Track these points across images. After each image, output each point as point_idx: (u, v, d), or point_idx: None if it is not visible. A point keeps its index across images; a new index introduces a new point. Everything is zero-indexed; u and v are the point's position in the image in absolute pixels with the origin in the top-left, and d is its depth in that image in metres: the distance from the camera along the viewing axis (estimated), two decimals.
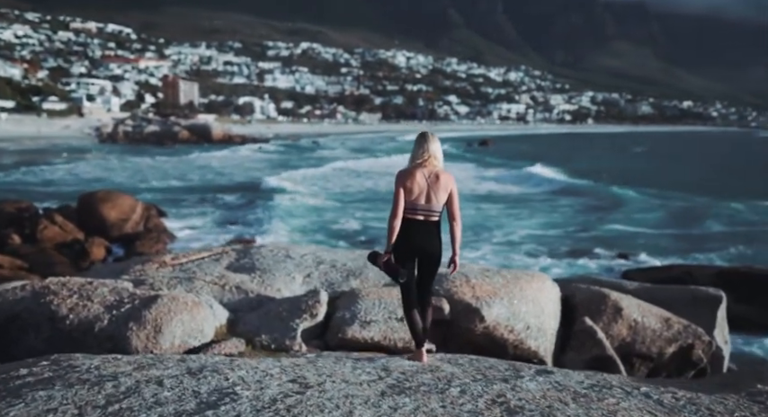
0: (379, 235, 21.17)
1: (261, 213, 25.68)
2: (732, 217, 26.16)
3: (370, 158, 56.34)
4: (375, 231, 21.79)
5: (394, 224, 3.89)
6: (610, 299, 6.51)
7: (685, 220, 25.29)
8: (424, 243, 3.93)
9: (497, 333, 5.65)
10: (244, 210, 26.15)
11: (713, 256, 19.12)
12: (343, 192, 32.66)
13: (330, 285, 6.48)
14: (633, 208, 27.79)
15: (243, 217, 24.44)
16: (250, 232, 21.58)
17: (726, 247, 20.25)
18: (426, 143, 4.00)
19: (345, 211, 26.07)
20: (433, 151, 3.97)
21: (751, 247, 20.32)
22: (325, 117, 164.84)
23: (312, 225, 23.06)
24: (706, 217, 25.88)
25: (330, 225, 23.14)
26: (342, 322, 5.43)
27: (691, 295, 8.26)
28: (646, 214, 26.56)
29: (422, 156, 3.95)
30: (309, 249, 7.85)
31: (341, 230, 22.32)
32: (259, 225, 23.19)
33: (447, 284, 5.97)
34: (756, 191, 33.69)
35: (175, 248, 17.81)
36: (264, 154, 63.82)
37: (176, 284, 6.32)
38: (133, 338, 5.16)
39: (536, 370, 3.57)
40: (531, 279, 6.32)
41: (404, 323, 4.76)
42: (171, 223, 21.61)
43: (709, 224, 24.53)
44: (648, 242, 20.81)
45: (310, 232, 21.81)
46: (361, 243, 19.27)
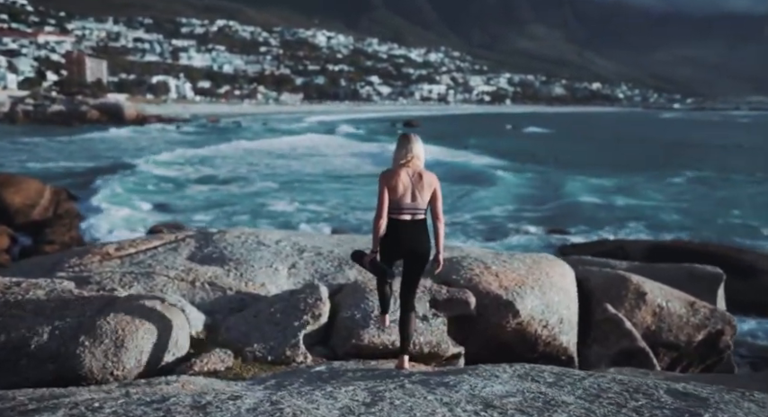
0: (316, 217, 20.14)
1: (186, 196, 24.04)
2: (639, 192, 26.67)
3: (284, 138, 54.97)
4: (308, 213, 20.73)
5: (379, 224, 3.86)
6: (631, 283, 5.85)
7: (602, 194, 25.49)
8: (413, 244, 3.88)
9: (530, 329, 4.84)
10: (170, 194, 24.35)
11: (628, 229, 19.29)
12: (269, 173, 31.21)
13: (322, 277, 5.44)
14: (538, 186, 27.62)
15: (169, 201, 22.75)
16: (176, 217, 19.99)
17: (646, 220, 20.55)
18: (409, 144, 3.98)
19: (273, 194, 24.76)
20: (416, 152, 3.96)
21: (675, 220, 20.79)
22: (245, 97, 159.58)
23: (244, 208, 21.64)
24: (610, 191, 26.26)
25: (261, 208, 21.81)
26: (353, 324, 4.42)
27: (688, 273, 7.82)
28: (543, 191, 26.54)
29: (405, 157, 3.94)
30: (282, 234, 6.74)
31: (273, 212, 21.08)
32: (184, 208, 21.64)
33: (465, 272, 5.09)
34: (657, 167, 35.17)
35: (96, 237, 16.10)
36: (182, 135, 60.83)
37: (132, 282, 5.09)
38: (86, 357, 3.95)
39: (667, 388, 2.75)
40: (553, 264, 5.55)
41: (427, 322, 4.54)
42: (84, 207, 19.70)
43: (614, 199, 24.67)
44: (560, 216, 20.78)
45: (238, 214, 20.42)
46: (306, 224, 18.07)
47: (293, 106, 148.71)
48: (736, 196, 25.25)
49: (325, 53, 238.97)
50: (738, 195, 25.50)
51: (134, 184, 26.06)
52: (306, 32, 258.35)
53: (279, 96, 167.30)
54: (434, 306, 4.66)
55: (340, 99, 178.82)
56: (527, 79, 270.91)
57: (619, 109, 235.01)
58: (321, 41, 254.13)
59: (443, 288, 4.83)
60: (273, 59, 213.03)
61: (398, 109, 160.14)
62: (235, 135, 59.97)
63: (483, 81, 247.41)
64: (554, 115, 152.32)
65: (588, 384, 2.85)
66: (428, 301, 4.68)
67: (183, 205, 22.29)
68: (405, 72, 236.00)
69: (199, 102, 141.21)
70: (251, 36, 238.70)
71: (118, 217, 19.09)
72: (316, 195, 24.70)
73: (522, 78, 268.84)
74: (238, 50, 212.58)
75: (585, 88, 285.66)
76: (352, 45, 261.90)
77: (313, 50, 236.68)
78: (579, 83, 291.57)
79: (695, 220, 20.60)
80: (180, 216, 20.37)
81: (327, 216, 20.61)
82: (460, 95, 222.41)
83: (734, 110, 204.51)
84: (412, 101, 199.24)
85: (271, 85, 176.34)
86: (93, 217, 18.63)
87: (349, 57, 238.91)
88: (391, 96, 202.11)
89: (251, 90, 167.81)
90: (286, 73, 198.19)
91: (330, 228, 17.83)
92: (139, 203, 21.83)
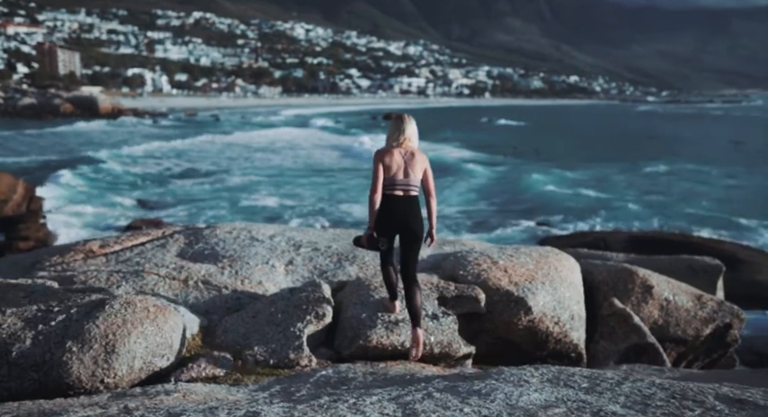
0: (300, 211, 19.80)
1: (164, 190, 23.54)
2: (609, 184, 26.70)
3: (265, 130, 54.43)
4: (291, 208, 20.38)
5: (374, 199, 4.04)
6: (638, 276, 5.68)
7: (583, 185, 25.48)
8: (405, 219, 4.05)
9: (542, 327, 4.63)
10: (148, 189, 23.80)
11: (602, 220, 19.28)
12: (249, 167, 30.73)
13: (322, 274, 5.18)
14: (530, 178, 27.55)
15: (147, 196, 22.23)
16: (154, 213, 19.54)
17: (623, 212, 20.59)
18: (403, 124, 4.16)
19: (253, 188, 24.33)
20: (409, 134, 4.16)
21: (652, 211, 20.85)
22: (223, 90, 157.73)
23: (225, 203, 21.22)
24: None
25: (242, 202, 21.38)
26: (358, 324, 4.17)
27: (686, 265, 7.71)
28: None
29: (398, 139, 4.14)
30: (275, 229, 6.46)
31: (253, 207, 20.68)
32: (165, 203, 21.17)
33: (472, 267, 4.87)
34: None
35: (63, 233, 15.64)
36: (160, 128, 59.87)
37: (120, 281, 4.77)
38: (74, 364, 3.65)
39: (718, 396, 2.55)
40: (560, 258, 5.36)
41: (437, 321, 4.32)
42: (55, 203, 19.15)
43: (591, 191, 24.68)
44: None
45: (219, 209, 20.00)
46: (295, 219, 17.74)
47: (272, 99, 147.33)
48: (709, 188, 25.38)
49: (303, 46, 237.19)
50: (710, 187, 25.63)
51: (109, 179, 25.50)
52: (284, 25, 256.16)
53: (257, 89, 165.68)
54: (443, 303, 4.44)
55: (319, 92, 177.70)
56: (506, 72, 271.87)
57: (596, 101, 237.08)
58: (299, 34, 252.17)
59: (451, 284, 4.60)
60: (251, 52, 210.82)
61: (378, 102, 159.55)
62: (213, 128, 59.28)
63: (462, 74, 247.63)
64: (532, 108, 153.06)
65: (628, 389, 2.64)
66: (436, 299, 4.46)
67: (163, 200, 21.82)
68: (384, 65, 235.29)
69: (176, 95, 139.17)
70: (228, 28, 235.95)
71: (88, 213, 18.61)
72: (297, 189, 24.35)
73: (500, 71, 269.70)
74: (216, 43, 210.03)
75: (563, 81, 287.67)
76: (331, 38, 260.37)
77: (291, 43, 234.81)
78: (557, 76, 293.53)
79: (667, 211, 20.62)
80: (159, 211, 19.92)
81: (310, 209, 20.30)
82: (440, 88, 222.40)
83: (707, 103, 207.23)
84: (391, 94, 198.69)
85: (249, 78, 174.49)
86: (59, 212, 18.15)
87: (328, 50, 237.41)
88: (371, 89, 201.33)
89: (229, 83, 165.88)
90: (264, 66, 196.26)
91: (319, 222, 17.52)
92: (116, 198, 21.32)
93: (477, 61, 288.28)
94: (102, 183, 24.03)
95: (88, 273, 4.99)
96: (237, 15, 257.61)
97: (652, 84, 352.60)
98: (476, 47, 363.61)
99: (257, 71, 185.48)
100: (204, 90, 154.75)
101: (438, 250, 5.73)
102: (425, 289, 4.51)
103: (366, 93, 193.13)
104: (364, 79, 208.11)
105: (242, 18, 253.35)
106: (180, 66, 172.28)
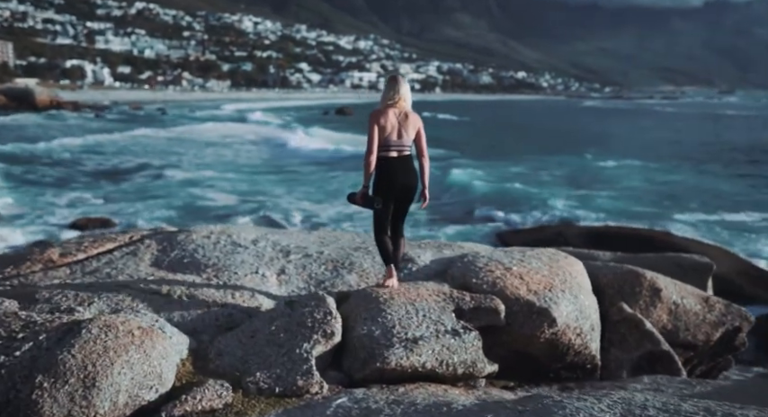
0: (259, 208, 19.10)
1: (108, 186, 22.37)
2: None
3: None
4: (251, 205, 19.64)
5: (370, 159, 4.14)
6: (645, 278, 5.43)
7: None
8: (403, 179, 4.19)
9: (564, 339, 4.29)
10: (90, 185, 22.56)
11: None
12: (201, 163, 29.69)
13: (318, 284, 4.70)
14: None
15: (89, 193, 21.01)
16: (98, 210, 18.50)
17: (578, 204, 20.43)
18: (397, 85, 4.28)
19: (207, 184, 23.41)
20: (403, 93, 4.26)
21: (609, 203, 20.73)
22: (169, 83, 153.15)
23: (177, 201, 20.25)
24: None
25: (197, 200, 20.40)
26: (372, 342, 3.72)
27: (675, 263, 7.55)
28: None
29: (393, 98, 4.23)
30: (257, 232, 5.93)
31: (211, 206, 19.80)
32: (110, 199, 20.08)
33: (485, 274, 4.48)
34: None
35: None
36: (102, 122, 57.55)
37: (92, 298, 4.17)
38: (45, 403, 3.09)
39: None
40: (569, 261, 5.05)
41: (459, 337, 3.89)
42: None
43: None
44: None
45: (172, 208, 19.06)
46: (262, 218, 17.05)
47: (221, 93, 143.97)
48: (650, 183, 25.45)
49: (252, 39, 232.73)
50: (649, 182, 25.69)
51: (47, 174, 24.10)
52: (231, 17, 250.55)
53: (205, 83, 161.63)
54: (460, 316, 4.04)
55: (269, 86, 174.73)
56: (455, 67, 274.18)
57: (543, 97, 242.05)
58: (248, 27, 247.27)
59: (466, 294, 4.21)
60: (198, 45, 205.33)
61: (330, 96, 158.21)
62: (160, 122, 57.36)
63: (412, 69, 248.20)
64: (480, 103, 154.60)
65: None
66: (453, 311, 4.05)
67: (108, 196, 20.68)
68: (334, 59, 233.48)
69: (119, 88, 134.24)
70: (173, 20, 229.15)
71: (22, 212, 17.45)
72: (255, 186, 23.56)
73: (450, 66, 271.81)
74: (160, 35, 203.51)
75: (511, 77, 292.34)
76: (280, 31, 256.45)
77: (240, 36, 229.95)
78: (505, 72, 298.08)
79: (607, 205, 20.40)
80: (103, 208, 18.86)
81: (270, 206, 19.60)
82: None
83: (647, 99, 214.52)
84: (342, 88, 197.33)
85: (196, 72, 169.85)
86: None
87: (277, 44, 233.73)
88: (321, 84, 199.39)
89: (175, 76, 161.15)
90: (212, 59, 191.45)
91: (285, 222, 16.89)
92: (52, 197, 20.02)
93: (428, 56, 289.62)
94: (37, 178, 22.64)
95: (52, 289, 4.37)
96: (183, 6, 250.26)
97: (596, 81, 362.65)
98: (425, 42, 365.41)
99: (205, 64, 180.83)
100: (149, 83, 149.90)
101: (438, 254, 5.35)
102: (439, 300, 4.11)
103: (317, 88, 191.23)
104: (315, 73, 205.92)
105: (187, 9, 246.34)
106: (123, 58, 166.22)
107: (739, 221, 18.22)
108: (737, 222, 18.11)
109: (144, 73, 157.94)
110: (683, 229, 16.59)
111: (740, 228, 17.30)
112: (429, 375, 3.66)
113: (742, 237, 16.28)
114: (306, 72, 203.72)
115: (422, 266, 5.01)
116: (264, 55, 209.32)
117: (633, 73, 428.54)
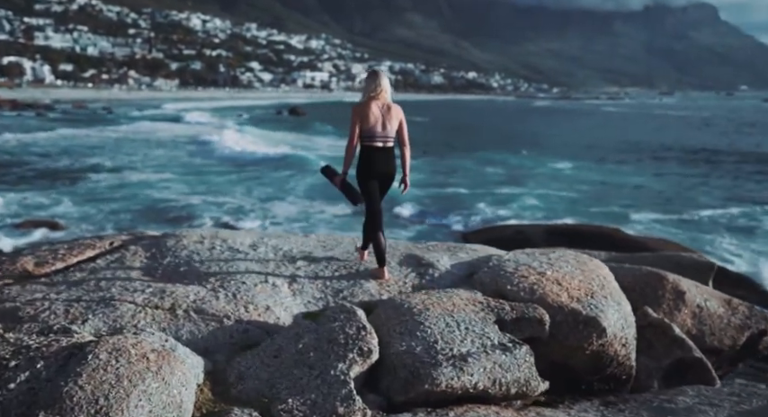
0: (228, 210, 18.42)
1: (49, 187, 21.22)
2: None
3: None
4: (215, 206, 18.92)
5: (350, 150, 4.38)
6: (668, 281, 5.22)
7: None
8: (384, 168, 4.44)
9: (610, 350, 3.97)
10: (34, 186, 21.35)
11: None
12: (156, 164, 28.59)
13: (337, 293, 4.29)
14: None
15: (36, 195, 19.86)
16: (40, 211, 17.50)
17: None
18: (378, 78, 4.50)
19: (163, 185, 22.48)
20: (384, 86, 4.47)
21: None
22: (115, 82, 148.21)
23: (137, 203, 19.33)
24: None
25: (158, 201, 19.53)
26: (415, 361, 3.34)
27: (675, 263, 7.41)
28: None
29: (375, 90, 4.44)
30: (252, 236, 5.46)
31: (172, 206, 18.96)
32: (55, 201, 19.02)
33: (519, 280, 4.16)
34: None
35: None
36: (43, 121, 55.01)
37: (85, 313, 3.67)
38: None
39: None
40: (596, 263, 4.80)
41: (510, 353, 3.54)
42: None
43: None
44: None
45: (132, 211, 18.17)
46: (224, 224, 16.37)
47: (170, 92, 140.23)
48: (605, 182, 25.62)
49: (200, 37, 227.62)
50: (603, 181, 25.84)
51: None
52: (179, 15, 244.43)
53: (153, 82, 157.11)
54: (502, 328, 3.71)
55: (219, 85, 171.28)
56: (407, 67, 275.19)
57: (494, 97, 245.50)
58: (196, 25, 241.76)
59: (505, 303, 3.88)
60: (144, 42, 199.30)
61: (282, 96, 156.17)
62: (105, 121, 55.24)
63: (365, 69, 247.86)
64: (434, 103, 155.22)
65: None
66: (494, 323, 3.72)
67: (51, 197, 19.61)
68: (286, 58, 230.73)
69: (61, 86, 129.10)
70: (117, 17, 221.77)
71: None
72: (213, 186, 22.74)
73: (402, 66, 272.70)
74: (104, 32, 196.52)
75: (462, 77, 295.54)
76: (230, 29, 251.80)
77: (188, 34, 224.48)
78: (456, 72, 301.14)
79: (561, 204, 20.42)
80: (46, 210, 17.83)
81: (235, 206, 18.91)
82: (343, 83, 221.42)
83: (594, 100, 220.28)
84: (295, 88, 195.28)
85: (143, 70, 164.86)
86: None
87: (227, 43, 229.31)
88: (273, 83, 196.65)
89: (121, 75, 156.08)
90: (159, 57, 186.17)
91: (257, 224, 16.28)
92: None
93: (380, 56, 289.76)
94: None
95: (36, 304, 3.83)
96: (128, 3, 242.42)
97: (544, 81, 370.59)
98: (377, 41, 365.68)
99: (152, 63, 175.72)
100: (94, 81, 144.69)
101: (455, 258, 5.01)
102: (477, 310, 3.78)
103: (269, 87, 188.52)
104: (266, 72, 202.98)
105: (132, 6, 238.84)
106: (64, 56, 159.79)
107: (691, 219, 18.63)
108: (690, 220, 18.52)
109: (87, 71, 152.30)
110: (637, 227, 16.82)
111: (693, 225, 17.69)
112: (479, 396, 3.31)
113: (696, 234, 16.64)
114: (257, 71, 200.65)
115: (444, 271, 4.67)
116: (214, 54, 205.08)
117: (579, 74, 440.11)
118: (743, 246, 15.09)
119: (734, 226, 17.53)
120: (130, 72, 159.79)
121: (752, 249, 14.97)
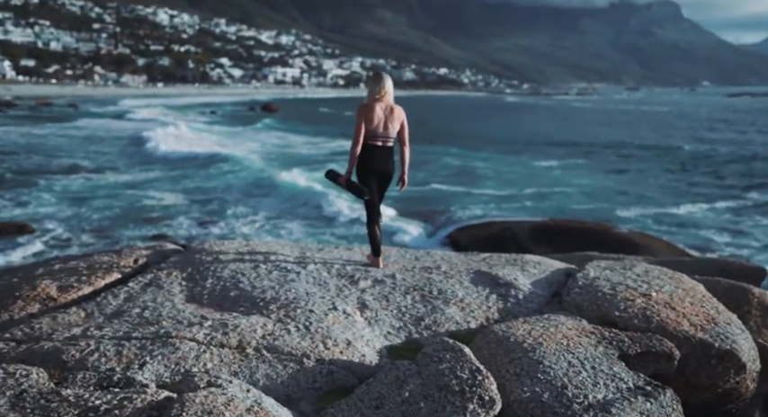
0: (209, 211, 17.70)
1: (29, 194, 20.14)
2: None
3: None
4: (198, 206, 18.16)
5: (356, 150, 4.53)
6: (754, 296, 4.80)
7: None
8: (383, 166, 4.62)
9: (743, 387, 3.44)
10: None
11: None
12: (144, 163, 27.56)
13: (417, 322, 3.77)
14: None
15: (17, 199, 18.84)
16: (10, 212, 16.62)
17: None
18: (382, 81, 4.61)
19: (148, 185, 21.59)
20: (388, 88, 4.60)
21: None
22: (80, 78, 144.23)
23: (119, 202, 18.47)
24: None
25: (143, 203, 18.65)
26: (545, 411, 2.84)
27: (721, 268, 7.06)
28: None
29: (379, 93, 4.57)
30: (293, 250, 4.90)
31: (156, 205, 18.14)
32: (26, 203, 18.07)
33: (624, 304, 3.68)
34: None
35: None
36: (6, 118, 52.95)
37: (142, 355, 3.09)
38: None
39: None
40: (687, 278, 4.38)
41: (654, 400, 3.02)
42: None
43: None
44: None
45: (112, 211, 17.30)
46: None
47: (137, 88, 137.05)
48: (590, 179, 25.41)
49: (168, 32, 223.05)
50: (589, 178, 25.58)
51: None
52: (145, 10, 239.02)
53: (119, 78, 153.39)
54: (626, 364, 3.23)
55: (189, 81, 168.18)
56: (378, 63, 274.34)
57: (465, 93, 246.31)
58: (163, 20, 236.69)
59: (621, 334, 3.41)
60: (110, 37, 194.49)
61: (253, 92, 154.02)
62: (73, 118, 53.43)
63: (336, 65, 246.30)
64: (406, 98, 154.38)
65: None
66: (618, 357, 3.24)
67: (18, 199, 18.65)
68: (256, 54, 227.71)
69: (23, 82, 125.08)
70: (81, 11, 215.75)
71: None
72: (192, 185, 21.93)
73: (373, 62, 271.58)
74: (67, 26, 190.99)
75: (433, 73, 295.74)
76: (198, 25, 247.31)
77: (155, 29, 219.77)
78: (428, 68, 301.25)
79: (546, 202, 20.15)
80: (17, 211, 16.95)
81: (216, 208, 18.19)
82: (315, 79, 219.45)
83: (564, 95, 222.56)
84: (266, 84, 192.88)
85: (109, 66, 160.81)
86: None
87: (195, 38, 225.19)
88: (244, 79, 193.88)
89: (86, 70, 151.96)
90: (125, 52, 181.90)
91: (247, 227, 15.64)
92: None
93: (350, 52, 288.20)
94: None
95: (79, 343, 3.23)
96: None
97: (514, 77, 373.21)
98: (348, 37, 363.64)
99: (118, 58, 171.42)
100: (57, 77, 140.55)
101: (527, 275, 4.53)
102: (592, 343, 3.30)
103: (239, 83, 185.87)
104: (236, 69, 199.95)
105: (96, 0, 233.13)
106: (25, 51, 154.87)
107: (677, 214, 18.60)
108: (676, 214, 18.48)
109: (51, 66, 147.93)
110: (623, 223, 16.67)
111: (679, 221, 17.64)
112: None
113: (682, 229, 16.59)
114: (227, 67, 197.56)
115: (527, 292, 4.19)
116: (182, 49, 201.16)
117: (548, 70, 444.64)
118: (734, 243, 15.05)
119: (721, 221, 17.56)
120: (96, 68, 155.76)
121: (739, 244, 14.98)
